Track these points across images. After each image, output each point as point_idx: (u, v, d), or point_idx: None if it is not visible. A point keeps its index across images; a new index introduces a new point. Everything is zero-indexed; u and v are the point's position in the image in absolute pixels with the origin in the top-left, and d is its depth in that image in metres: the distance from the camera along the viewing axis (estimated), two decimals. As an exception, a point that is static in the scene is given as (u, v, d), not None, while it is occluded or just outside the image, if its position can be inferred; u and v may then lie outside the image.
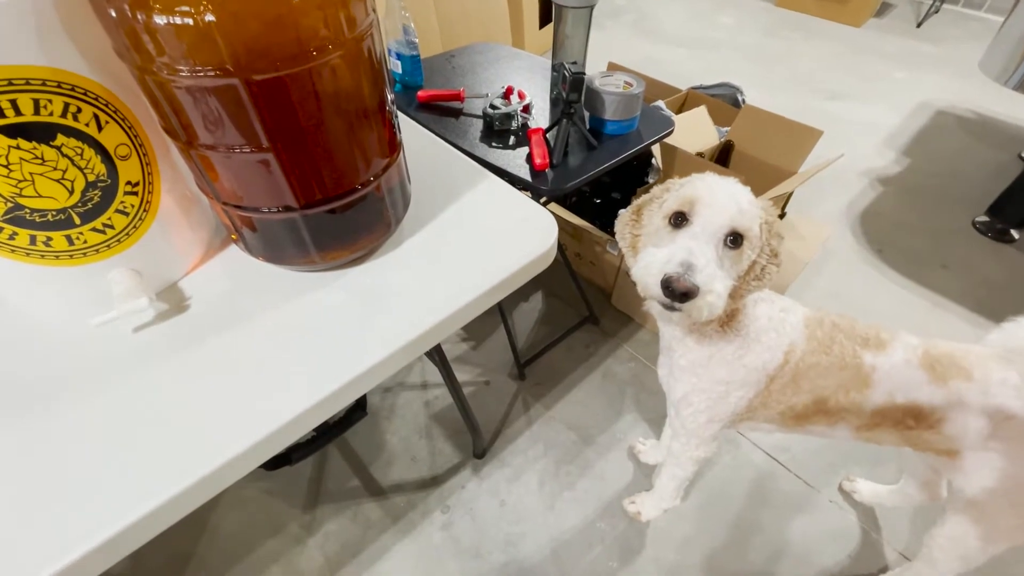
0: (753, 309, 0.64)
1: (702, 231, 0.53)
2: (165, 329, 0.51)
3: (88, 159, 0.43)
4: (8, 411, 0.44)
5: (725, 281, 0.53)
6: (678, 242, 0.53)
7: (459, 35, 1.98)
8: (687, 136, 1.24)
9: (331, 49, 0.41)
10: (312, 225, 0.50)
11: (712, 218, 0.53)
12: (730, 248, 0.54)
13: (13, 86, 0.37)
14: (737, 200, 0.53)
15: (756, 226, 0.54)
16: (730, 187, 0.55)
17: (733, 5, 3.22)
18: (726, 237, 0.53)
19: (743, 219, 0.53)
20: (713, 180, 0.55)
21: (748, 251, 0.55)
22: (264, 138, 0.42)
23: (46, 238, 0.44)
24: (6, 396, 0.45)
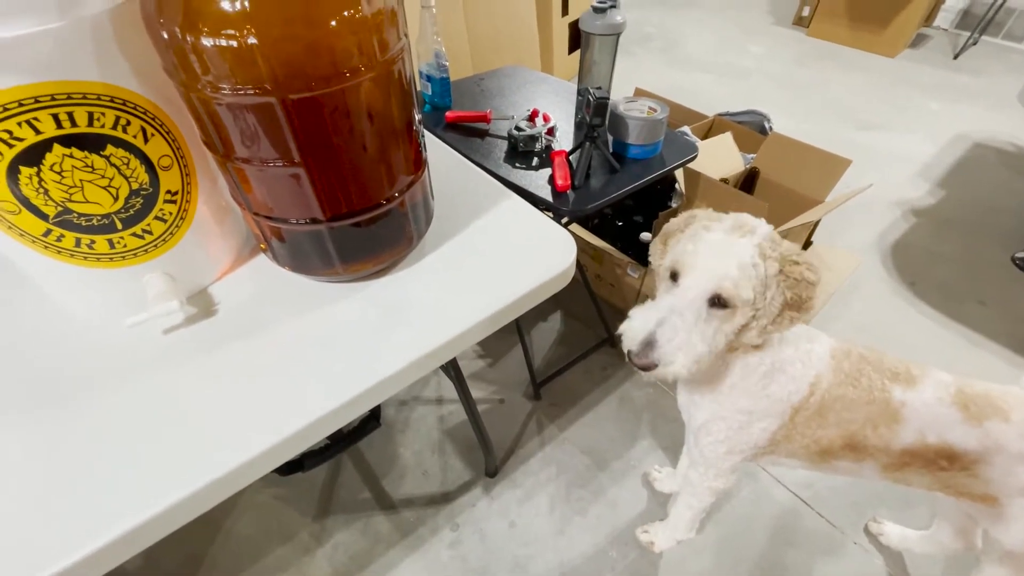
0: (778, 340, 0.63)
1: (684, 295, 0.54)
2: (193, 332, 0.53)
3: (133, 168, 0.46)
4: (43, 403, 0.46)
5: (698, 347, 0.54)
6: (661, 302, 0.56)
7: (490, 59, 2.03)
8: (712, 162, 1.24)
9: (363, 71, 0.43)
10: (337, 237, 0.52)
11: (696, 283, 0.54)
12: (719, 308, 0.55)
13: (71, 100, 0.40)
14: (728, 265, 0.54)
15: (749, 290, 0.54)
16: (727, 248, 0.55)
17: (763, 34, 3.22)
18: (712, 300, 0.54)
19: (729, 285, 0.53)
20: (709, 240, 0.55)
21: (743, 311, 0.56)
22: (296, 153, 0.44)
23: (90, 241, 0.47)
24: (43, 388, 0.48)
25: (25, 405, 0.46)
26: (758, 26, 3.33)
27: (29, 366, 0.50)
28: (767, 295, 0.55)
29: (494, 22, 1.99)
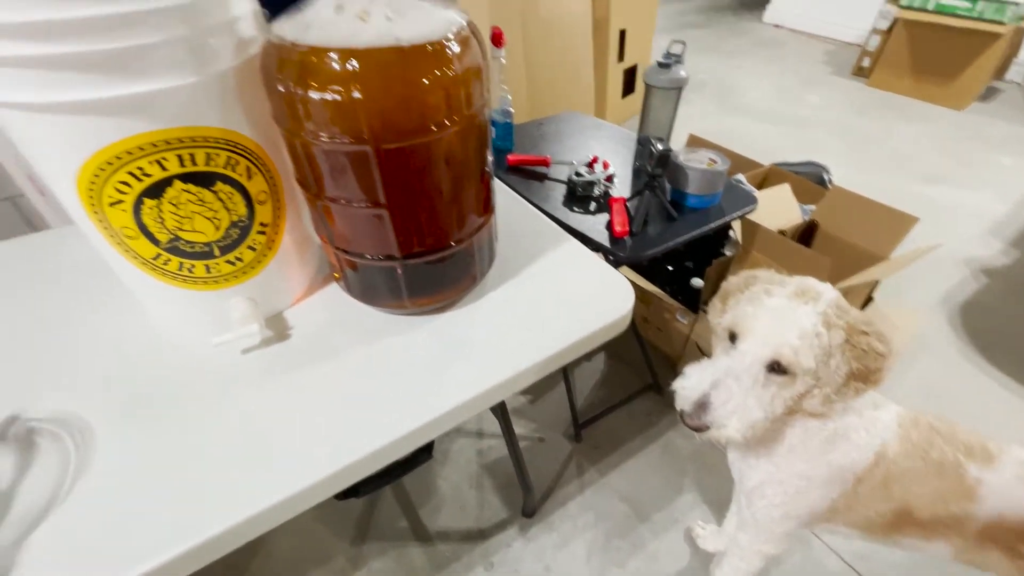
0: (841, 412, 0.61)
1: (741, 358, 0.54)
2: (268, 354, 0.57)
3: (235, 202, 0.51)
4: (139, 411, 0.50)
5: (754, 412, 0.53)
6: (717, 363, 0.55)
7: (546, 101, 2.10)
8: (769, 212, 1.22)
9: (449, 125, 0.46)
10: (408, 274, 0.55)
11: (754, 348, 0.53)
12: (778, 375, 0.54)
13: (195, 143, 0.45)
14: (789, 332, 0.53)
15: (810, 359, 0.53)
16: (789, 315, 0.54)
17: (821, 83, 3.20)
18: (770, 366, 0.53)
19: (789, 353, 0.52)
20: (770, 305, 0.54)
21: (804, 379, 0.54)
22: (381, 196, 0.48)
23: (191, 266, 0.52)
24: (140, 398, 0.52)
25: (124, 411, 0.50)
26: (815, 76, 3.31)
27: (130, 376, 0.54)
28: (831, 364, 0.53)
29: (552, 68, 2.07)
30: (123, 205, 0.45)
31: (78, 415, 0.50)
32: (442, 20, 0.45)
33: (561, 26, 2.10)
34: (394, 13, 0.43)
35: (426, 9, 0.45)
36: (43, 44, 0.36)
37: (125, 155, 0.42)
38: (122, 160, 0.43)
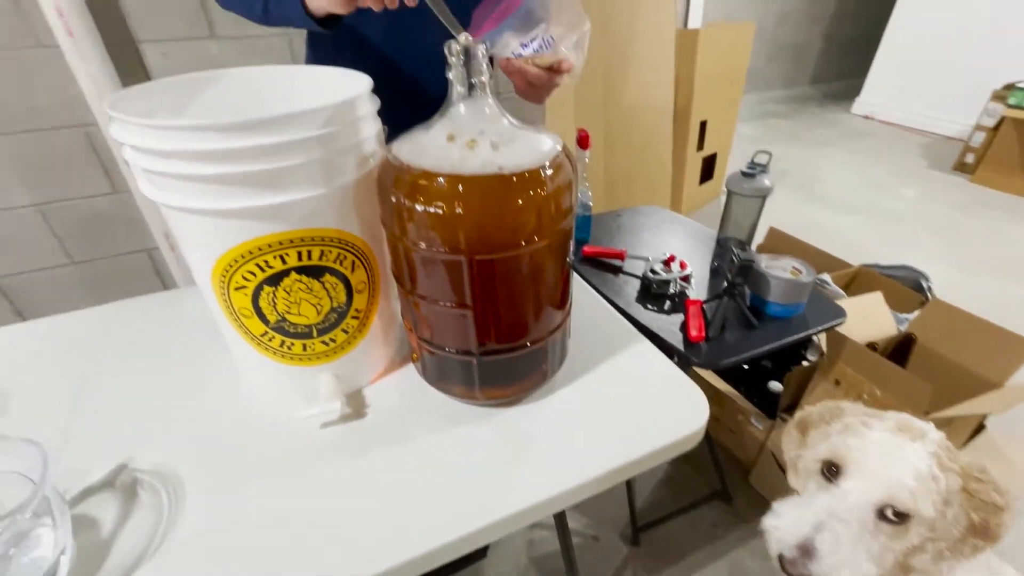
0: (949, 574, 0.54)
1: (846, 498, 0.48)
2: (345, 431, 0.60)
3: (338, 291, 0.56)
4: (219, 473, 0.54)
5: (864, 567, 0.47)
6: (818, 503, 0.50)
7: (623, 188, 2.16)
8: (858, 321, 1.15)
9: (538, 240, 0.50)
10: (482, 368, 0.57)
11: (863, 487, 0.48)
12: (889, 522, 0.48)
13: (313, 241, 0.51)
14: (903, 471, 0.47)
15: (929, 503, 0.47)
16: (900, 451, 0.48)
17: (917, 177, 3.05)
18: (881, 510, 0.48)
19: (906, 497, 0.46)
20: (876, 439, 0.49)
21: (918, 529, 0.48)
22: (468, 299, 0.51)
23: (290, 343, 0.57)
24: (221, 460, 0.56)
25: (211, 470, 0.54)
26: (910, 169, 3.17)
27: (221, 437, 0.59)
28: (948, 514, 0.47)
29: (631, 156, 2.14)
30: (245, 290, 0.52)
31: (175, 470, 0.55)
32: (541, 148, 0.49)
33: (642, 116, 2.19)
34: (500, 142, 0.48)
35: (527, 138, 0.50)
36: (209, 165, 0.43)
37: (256, 250, 0.49)
38: (252, 254, 0.49)
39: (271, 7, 0.63)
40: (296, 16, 0.62)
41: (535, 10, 0.64)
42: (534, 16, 0.64)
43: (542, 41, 0.65)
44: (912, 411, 0.88)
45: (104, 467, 0.55)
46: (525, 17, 0.64)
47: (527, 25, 0.64)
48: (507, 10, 0.63)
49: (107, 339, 0.74)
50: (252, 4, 0.66)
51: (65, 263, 1.33)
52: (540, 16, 0.64)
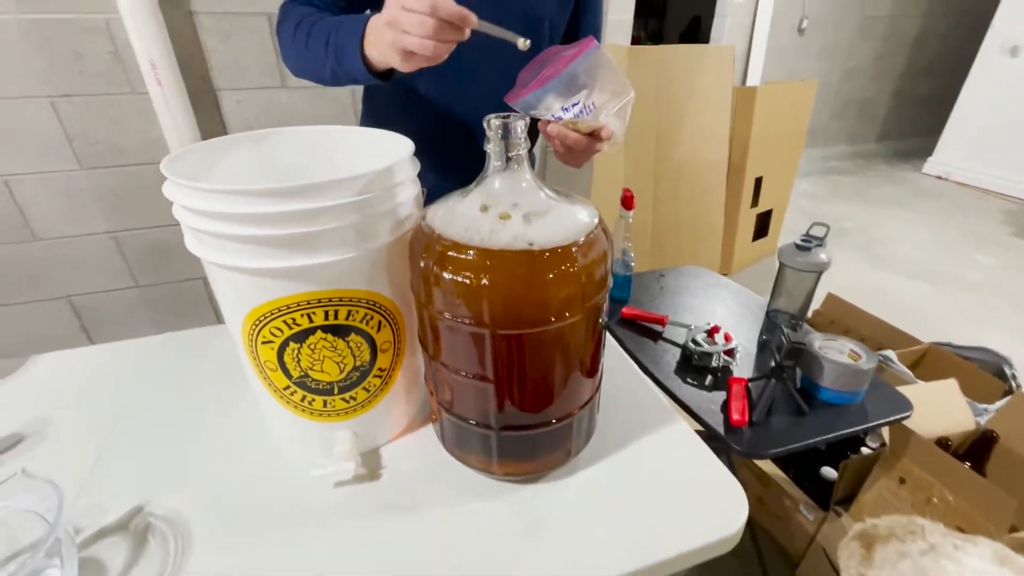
0: None
1: None
2: (359, 492, 0.58)
3: (362, 351, 0.55)
4: (229, 521, 0.54)
5: None
6: None
7: (670, 244, 2.11)
8: (928, 411, 1.03)
9: (568, 316, 0.47)
10: (501, 442, 0.54)
11: None
12: None
13: (341, 301, 0.51)
14: None
15: None
16: None
17: (997, 244, 2.81)
18: None
19: None
20: (978, 569, 0.43)
21: None
22: (491, 374, 0.49)
23: (311, 399, 0.57)
24: (234, 509, 0.55)
25: (223, 518, 0.54)
26: (989, 234, 2.94)
27: (237, 485, 0.58)
28: None
29: (680, 212, 2.11)
30: (272, 345, 0.52)
31: (185, 518, 0.54)
32: (575, 223, 0.48)
33: (694, 171, 2.16)
34: (533, 216, 0.47)
35: (563, 212, 0.48)
36: (244, 227, 0.44)
37: (284, 308, 0.49)
38: (281, 311, 0.49)
39: (337, 70, 0.67)
40: (359, 74, 0.64)
41: (579, 76, 0.64)
42: (578, 82, 0.64)
43: (584, 107, 0.64)
44: (994, 527, 0.77)
45: (123, 506, 0.56)
46: (569, 82, 0.64)
47: (570, 90, 0.65)
48: (552, 74, 0.64)
49: (149, 370, 0.76)
50: (320, 69, 0.69)
51: (130, 286, 1.43)
52: (584, 82, 0.64)
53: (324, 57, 0.66)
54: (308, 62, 0.70)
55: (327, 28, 0.66)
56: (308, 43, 0.68)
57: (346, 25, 0.64)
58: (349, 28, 0.63)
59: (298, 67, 0.73)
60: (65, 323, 1.42)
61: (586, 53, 0.63)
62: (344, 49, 0.63)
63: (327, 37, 0.65)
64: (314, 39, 0.67)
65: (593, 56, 0.64)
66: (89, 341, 1.49)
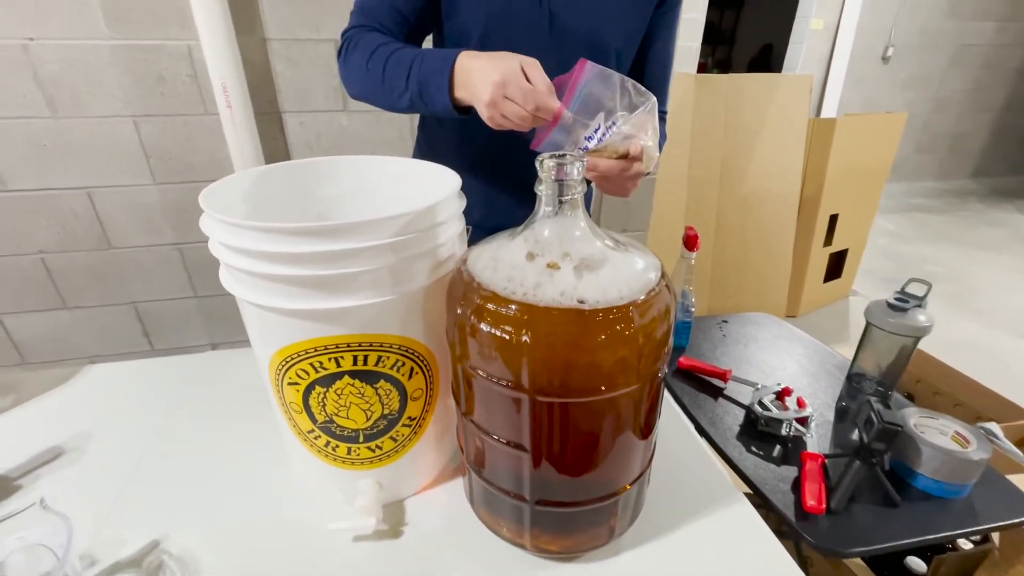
0: None
1: None
2: (377, 549, 0.53)
3: (391, 399, 0.51)
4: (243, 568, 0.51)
5: None
6: None
7: (733, 284, 1.98)
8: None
9: (620, 385, 0.41)
10: (535, 515, 0.48)
11: None
12: None
13: (372, 347, 0.47)
14: None
15: None
16: None
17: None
18: None
19: None
20: None
21: None
22: (527, 442, 0.43)
23: (335, 445, 0.53)
24: (249, 554, 0.52)
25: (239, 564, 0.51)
26: (1112, 292, 2.58)
27: (254, 528, 0.55)
28: None
29: (745, 249, 1.98)
30: (298, 387, 0.49)
31: (197, 560, 0.51)
32: (634, 277, 0.41)
33: (762, 206, 2.03)
34: (586, 268, 0.41)
35: (620, 264, 0.42)
36: (274, 266, 0.41)
37: (312, 350, 0.46)
38: (308, 354, 0.46)
39: (417, 102, 0.66)
40: (443, 109, 0.64)
41: (589, 101, 0.58)
42: (590, 108, 0.58)
43: (605, 129, 0.58)
44: None
45: (141, 539, 0.54)
46: (581, 111, 0.59)
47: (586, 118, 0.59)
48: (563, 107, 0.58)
49: (191, 389, 0.76)
50: (395, 99, 0.68)
51: (190, 296, 1.48)
52: (596, 105, 0.58)
53: (404, 88, 0.66)
54: (381, 90, 0.69)
55: (411, 58, 0.66)
56: (385, 72, 0.67)
57: (431, 57, 0.65)
58: (436, 62, 0.64)
59: (365, 93, 0.72)
60: (129, 327, 1.49)
61: (584, 75, 0.58)
62: (429, 83, 0.64)
63: (410, 67, 0.65)
64: (394, 69, 0.67)
65: (594, 75, 0.58)
66: (149, 345, 1.56)
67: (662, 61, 0.81)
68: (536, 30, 0.72)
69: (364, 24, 0.72)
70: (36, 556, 0.46)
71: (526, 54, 0.59)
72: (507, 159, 0.82)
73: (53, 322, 1.46)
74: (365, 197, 0.61)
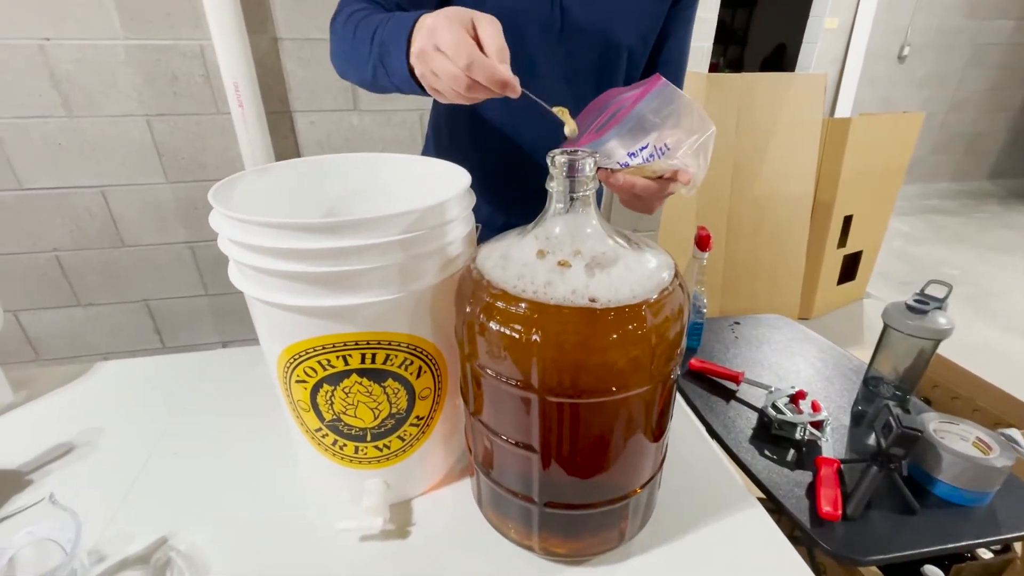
0: None
1: None
2: (384, 549, 0.53)
3: (399, 397, 0.51)
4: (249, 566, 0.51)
5: None
6: None
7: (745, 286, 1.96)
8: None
9: (632, 386, 0.40)
10: (544, 518, 0.48)
11: None
12: None
13: (380, 345, 0.46)
14: None
15: None
16: None
17: None
18: None
19: None
20: None
21: None
22: (536, 443, 0.43)
23: (343, 444, 0.52)
24: (255, 551, 0.52)
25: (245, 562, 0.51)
26: None
27: (261, 525, 0.55)
28: None
29: (757, 250, 1.95)
30: (305, 385, 0.48)
31: (205, 557, 0.51)
32: (647, 276, 0.41)
33: (775, 207, 2.01)
34: (597, 266, 0.40)
35: (633, 262, 0.41)
36: (281, 262, 0.41)
37: (320, 348, 0.46)
38: (316, 351, 0.46)
39: (379, 70, 0.56)
40: (402, 79, 0.53)
41: (646, 117, 0.54)
42: (645, 124, 0.55)
43: (655, 149, 0.55)
44: None
45: (149, 535, 0.54)
46: (634, 127, 0.54)
47: (635, 135, 0.55)
48: (613, 121, 0.55)
49: (200, 386, 0.76)
50: (363, 67, 0.58)
51: (201, 294, 1.49)
52: (652, 124, 0.55)
53: (368, 54, 0.56)
54: (352, 58, 0.60)
55: (376, 21, 0.56)
56: (355, 36, 0.58)
57: (394, 22, 0.53)
58: (397, 26, 0.52)
59: (341, 64, 0.64)
60: (141, 325, 1.50)
61: (653, 92, 0.54)
62: (387, 48, 0.53)
63: (374, 31, 0.55)
64: (361, 31, 0.57)
65: (662, 94, 0.54)
66: (160, 343, 1.57)
67: (676, 61, 0.80)
68: (548, 26, 0.71)
69: None
70: (45, 551, 0.47)
71: (537, 50, 0.57)
72: (516, 158, 0.81)
73: (67, 319, 1.48)
74: (374, 194, 0.61)
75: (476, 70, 0.44)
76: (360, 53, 0.57)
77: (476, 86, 0.45)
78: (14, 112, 1.23)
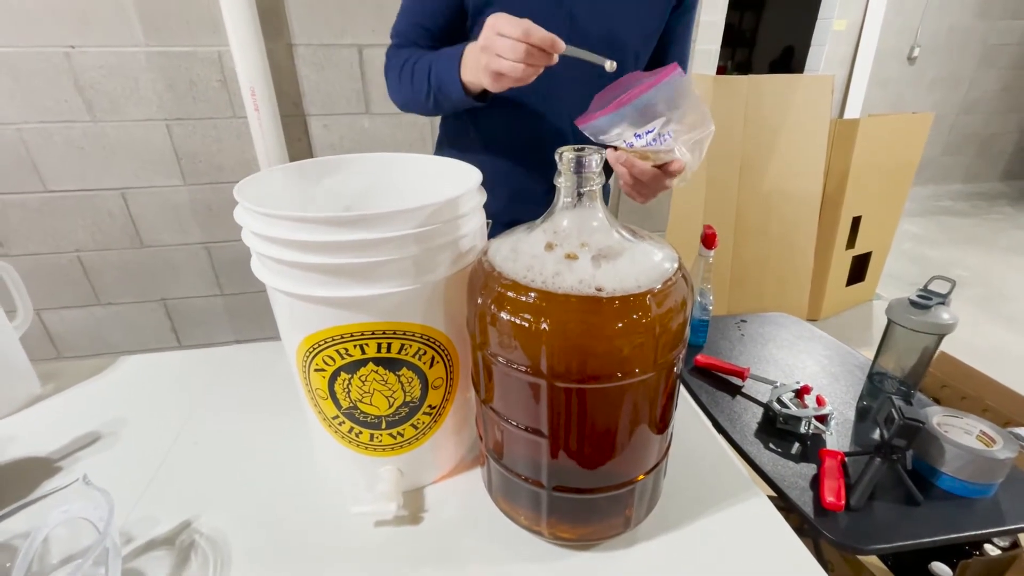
0: None
1: None
2: (397, 535, 0.55)
3: (413, 386, 0.53)
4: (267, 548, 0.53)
5: None
6: None
7: (752, 286, 1.96)
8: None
9: (637, 372, 0.42)
10: (552, 502, 0.49)
11: None
12: None
13: (395, 335, 0.49)
14: None
15: None
16: None
17: None
18: None
19: None
20: None
21: None
22: (545, 428, 0.45)
23: (359, 431, 0.54)
24: (274, 533, 0.54)
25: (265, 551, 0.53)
26: None
27: (280, 509, 0.57)
28: None
29: (765, 250, 1.96)
30: (324, 373, 0.50)
31: (227, 539, 0.53)
32: (652, 267, 0.42)
33: (783, 206, 2.01)
34: (603, 258, 0.42)
35: (638, 254, 0.43)
36: (303, 255, 0.43)
37: (338, 337, 0.48)
38: (335, 340, 0.48)
39: (438, 96, 0.72)
40: (457, 97, 0.69)
41: (658, 103, 0.60)
42: (655, 109, 0.60)
43: (658, 135, 0.59)
44: None
45: (174, 519, 0.56)
46: (645, 109, 0.60)
47: (645, 117, 0.61)
48: (628, 99, 0.60)
49: (219, 379, 0.79)
50: (424, 100, 0.74)
51: (216, 294, 1.53)
52: (661, 110, 0.60)
53: (427, 87, 0.72)
54: (413, 95, 0.75)
55: (429, 60, 0.72)
56: (413, 78, 0.74)
57: (445, 54, 0.70)
58: (448, 56, 0.69)
59: (405, 102, 0.79)
60: (158, 323, 1.54)
61: (668, 80, 0.59)
62: (443, 76, 0.69)
63: (429, 68, 0.71)
64: (418, 73, 0.73)
65: (676, 84, 0.59)
66: (177, 341, 1.61)
67: (679, 61, 0.82)
68: (556, 32, 0.74)
69: (398, 44, 0.80)
70: (78, 530, 0.49)
71: None
72: (524, 160, 0.83)
73: (87, 317, 1.52)
74: (389, 192, 0.63)
75: (532, 33, 0.56)
76: (419, 90, 0.74)
77: (532, 51, 0.57)
78: (40, 117, 1.27)
